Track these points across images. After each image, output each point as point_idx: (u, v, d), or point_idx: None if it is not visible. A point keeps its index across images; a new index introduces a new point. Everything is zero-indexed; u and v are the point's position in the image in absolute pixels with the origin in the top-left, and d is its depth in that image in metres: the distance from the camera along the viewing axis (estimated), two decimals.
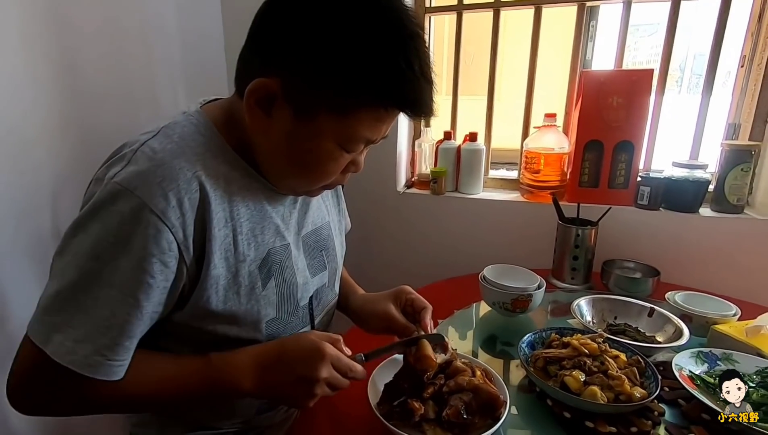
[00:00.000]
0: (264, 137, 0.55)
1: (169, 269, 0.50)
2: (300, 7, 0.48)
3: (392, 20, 0.48)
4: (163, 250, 0.49)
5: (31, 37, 0.83)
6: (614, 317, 0.94)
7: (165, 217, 0.48)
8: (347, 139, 0.53)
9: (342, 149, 0.54)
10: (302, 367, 0.54)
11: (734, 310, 0.89)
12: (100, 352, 0.48)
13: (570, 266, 1.14)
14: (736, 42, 1.27)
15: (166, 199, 0.48)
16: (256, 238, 0.58)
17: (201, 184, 0.52)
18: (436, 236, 1.46)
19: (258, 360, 0.56)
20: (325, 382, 0.55)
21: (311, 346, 0.55)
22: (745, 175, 1.17)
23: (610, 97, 1.22)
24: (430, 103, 0.52)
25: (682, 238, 1.22)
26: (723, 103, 1.31)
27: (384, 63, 0.48)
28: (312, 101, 0.50)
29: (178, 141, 0.53)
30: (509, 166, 1.58)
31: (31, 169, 0.85)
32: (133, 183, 0.48)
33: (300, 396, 0.55)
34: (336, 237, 0.75)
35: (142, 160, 0.50)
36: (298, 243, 0.65)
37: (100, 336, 0.48)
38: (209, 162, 0.54)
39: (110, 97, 1.01)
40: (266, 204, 0.60)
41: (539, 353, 0.75)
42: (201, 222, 0.52)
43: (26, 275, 0.86)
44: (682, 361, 0.74)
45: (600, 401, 0.64)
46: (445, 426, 0.61)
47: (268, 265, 0.59)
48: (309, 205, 0.69)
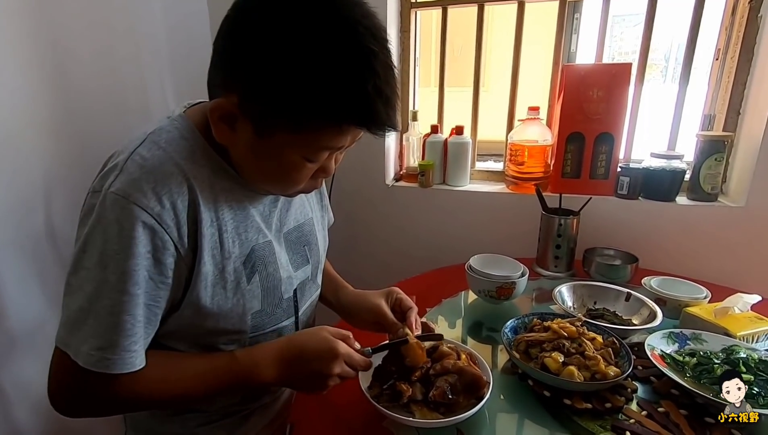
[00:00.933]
0: (232, 148, 0.58)
1: (167, 267, 0.54)
2: (255, 28, 0.48)
3: (347, 40, 0.47)
4: (161, 250, 0.52)
5: (22, 41, 0.84)
6: (594, 302, 0.99)
7: (161, 220, 0.52)
8: (308, 152, 0.54)
9: (306, 160, 0.55)
10: (318, 363, 0.60)
11: (705, 293, 0.94)
12: (114, 350, 0.51)
13: (553, 255, 1.19)
14: (712, 35, 1.31)
15: (160, 202, 0.52)
16: (239, 236, 0.61)
17: (190, 187, 0.55)
18: (425, 228, 1.49)
19: (279, 355, 0.61)
20: (338, 377, 0.61)
21: (327, 345, 0.60)
22: (718, 164, 1.22)
23: (590, 90, 1.26)
24: (386, 120, 0.51)
25: (660, 226, 1.27)
26: (702, 94, 1.35)
27: (336, 85, 0.48)
28: (268, 120, 0.51)
29: (165, 146, 0.56)
30: (496, 158, 1.62)
31: (25, 171, 0.87)
32: (127, 191, 0.51)
33: (315, 387, 0.62)
34: (319, 232, 0.78)
35: (133, 168, 0.53)
36: (279, 239, 0.68)
37: (112, 335, 0.51)
38: (194, 165, 0.57)
39: (100, 98, 1.02)
40: (247, 204, 0.63)
41: (521, 337, 0.79)
42: (193, 222, 0.55)
43: (23, 273, 0.87)
44: (654, 342, 0.78)
45: (577, 380, 0.69)
46: (432, 406, 0.65)
47: (252, 261, 0.62)
48: (291, 203, 0.72)
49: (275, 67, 0.48)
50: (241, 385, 0.61)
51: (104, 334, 0.51)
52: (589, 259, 1.16)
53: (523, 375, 0.76)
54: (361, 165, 1.46)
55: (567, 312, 0.92)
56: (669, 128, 1.33)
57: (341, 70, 0.47)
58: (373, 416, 0.68)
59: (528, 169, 1.38)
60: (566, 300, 0.98)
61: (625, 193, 1.29)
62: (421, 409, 0.65)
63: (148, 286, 0.53)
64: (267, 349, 0.62)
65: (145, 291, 0.53)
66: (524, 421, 0.69)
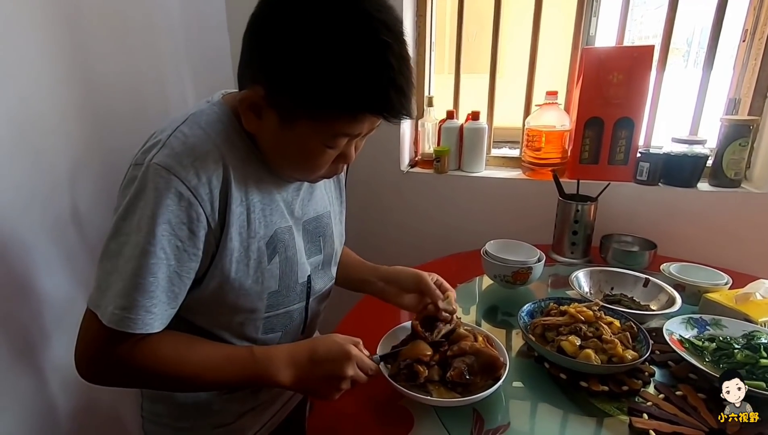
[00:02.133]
0: (260, 136, 0.61)
1: (198, 238, 0.57)
2: (278, 25, 0.52)
3: (362, 34, 0.51)
4: (193, 220, 0.55)
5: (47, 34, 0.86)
6: (611, 288, 0.98)
7: (197, 193, 0.55)
8: (328, 139, 0.57)
9: (326, 147, 0.58)
10: (331, 365, 0.62)
11: (726, 280, 0.93)
12: (134, 310, 0.54)
13: (570, 241, 1.18)
14: (739, 16, 1.27)
15: (197, 176, 0.55)
16: (266, 218, 0.64)
17: (225, 166, 0.58)
18: (440, 214, 1.49)
19: (292, 358, 0.63)
20: (350, 379, 0.62)
21: (339, 349, 0.62)
22: (743, 149, 1.19)
23: (610, 74, 1.24)
24: (399, 109, 0.54)
25: (680, 212, 1.25)
26: (726, 78, 1.32)
27: (351, 76, 0.51)
28: (291, 109, 0.55)
29: (205, 127, 0.59)
30: (512, 145, 1.60)
31: (50, 157, 0.89)
32: (169, 163, 0.54)
33: (328, 390, 0.63)
34: (335, 226, 0.80)
35: (176, 143, 0.56)
36: (298, 227, 0.71)
37: (135, 295, 0.54)
38: (230, 147, 0.60)
39: (120, 88, 1.04)
40: (274, 189, 0.66)
41: (538, 321, 0.80)
42: (224, 198, 0.58)
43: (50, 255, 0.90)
44: (672, 326, 0.78)
45: (593, 363, 0.69)
46: (449, 386, 0.67)
47: (274, 243, 0.65)
48: (312, 194, 0.75)
49: (296, 61, 0.52)
50: (254, 380, 0.63)
51: (128, 294, 0.54)
52: (606, 246, 1.15)
53: (540, 358, 0.77)
54: (376, 151, 1.46)
55: (584, 297, 0.92)
56: (691, 113, 1.30)
57: (356, 62, 0.51)
58: (390, 394, 0.69)
59: (545, 155, 1.36)
60: (583, 285, 0.98)
61: (645, 179, 1.27)
62: (438, 388, 0.66)
63: (182, 256, 0.56)
64: (282, 349, 0.64)
65: (177, 259, 0.55)
66: (540, 402, 0.70)
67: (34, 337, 0.88)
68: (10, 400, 0.84)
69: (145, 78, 1.12)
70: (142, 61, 1.11)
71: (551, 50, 1.44)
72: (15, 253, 0.84)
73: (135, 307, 0.54)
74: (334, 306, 0.90)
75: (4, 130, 0.79)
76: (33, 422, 0.88)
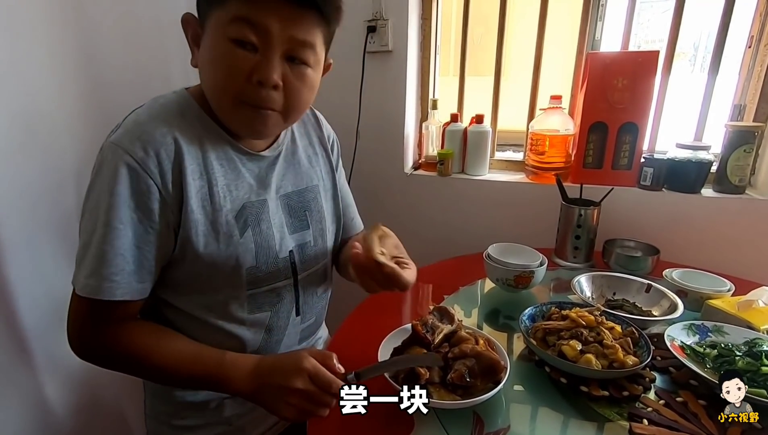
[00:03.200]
0: (201, 73, 0.64)
1: (153, 211, 0.60)
2: None
3: None
4: (143, 192, 0.59)
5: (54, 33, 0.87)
6: (613, 293, 0.98)
7: (144, 165, 0.58)
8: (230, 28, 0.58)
9: (230, 41, 0.58)
10: (280, 376, 0.59)
11: (728, 286, 0.93)
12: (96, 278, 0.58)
13: (572, 245, 1.18)
14: (745, 22, 1.27)
15: (144, 150, 0.58)
16: (231, 192, 0.66)
17: (175, 139, 0.61)
18: (443, 217, 1.50)
19: (257, 368, 0.62)
20: (301, 394, 0.57)
21: (293, 360, 0.59)
22: (747, 156, 1.19)
23: (615, 78, 1.24)
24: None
25: (683, 217, 1.25)
26: (732, 83, 1.31)
27: None
28: (206, 12, 0.61)
29: (159, 109, 0.64)
30: (516, 148, 1.60)
31: (57, 155, 0.90)
32: (120, 140, 0.59)
33: (277, 405, 0.59)
34: (326, 201, 0.80)
35: (129, 123, 0.61)
36: (276, 200, 0.72)
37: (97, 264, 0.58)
38: (184, 123, 0.64)
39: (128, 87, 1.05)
40: (239, 164, 0.68)
41: (539, 325, 0.80)
42: (177, 170, 0.61)
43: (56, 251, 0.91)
44: (674, 333, 0.78)
45: (594, 367, 0.69)
46: (450, 388, 0.67)
47: (244, 216, 0.67)
48: (294, 168, 0.76)
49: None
50: (215, 383, 0.62)
51: (92, 264, 0.58)
52: (609, 250, 1.15)
53: (540, 362, 0.77)
54: (380, 153, 1.47)
55: (585, 302, 0.92)
56: (695, 119, 1.30)
57: None
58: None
59: (549, 159, 1.36)
60: (585, 290, 0.98)
61: (649, 184, 1.27)
62: (438, 390, 0.67)
63: (137, 228, 0.59)
64: (253, 358, 0.63)
65: (133, 231, 0.59)
66: (540, 406, 0.70)
67: (40, 335, 0.89)
68: (15, 397, 0.85)
69: (153, 77, 1.13)
70: (150, 60, 1.12)
71: (556, 54, 1.44)
72: (23, 250, 0.85)
73: (98, 275, 0.58)
74: (339, 308, 0.90)
75: (12, 129, 0.80)
76: (37, 419, 0.89)
